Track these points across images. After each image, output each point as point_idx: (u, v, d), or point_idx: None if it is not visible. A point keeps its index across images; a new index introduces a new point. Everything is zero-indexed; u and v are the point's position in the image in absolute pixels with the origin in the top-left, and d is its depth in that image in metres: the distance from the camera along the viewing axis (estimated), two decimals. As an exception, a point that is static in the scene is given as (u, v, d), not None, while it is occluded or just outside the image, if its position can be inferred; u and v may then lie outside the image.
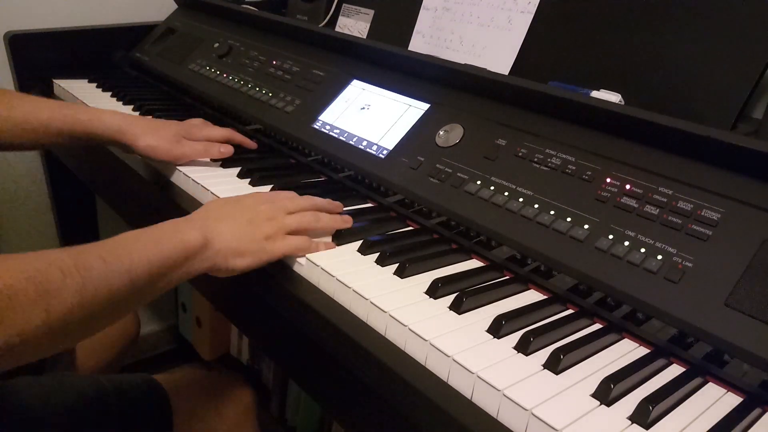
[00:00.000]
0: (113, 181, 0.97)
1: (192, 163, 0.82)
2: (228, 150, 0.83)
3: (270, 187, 0.77)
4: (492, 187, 0.66)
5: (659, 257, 0.54)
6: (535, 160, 0.66)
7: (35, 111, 0.79)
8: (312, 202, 0.67)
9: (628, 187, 0.59)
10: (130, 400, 0.73)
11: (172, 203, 0.77)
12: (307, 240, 0.63)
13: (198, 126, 0.86)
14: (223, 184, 0.77)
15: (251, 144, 0.90)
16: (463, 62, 0.81)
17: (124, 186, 0.93)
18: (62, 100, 1.01)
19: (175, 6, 1.34)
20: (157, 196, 0.82)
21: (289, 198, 0.66)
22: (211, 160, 0.83)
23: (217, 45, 1.13)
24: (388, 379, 0.49)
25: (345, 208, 0.73)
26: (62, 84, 1.17)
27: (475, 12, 0.90)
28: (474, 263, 0.65)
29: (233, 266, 0.59)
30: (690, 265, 0.53)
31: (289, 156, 0.91)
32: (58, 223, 1.38)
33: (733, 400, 0.49)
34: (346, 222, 0.67)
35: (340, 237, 0.66)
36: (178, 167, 0.81)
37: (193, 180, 0.78)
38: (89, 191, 1.37)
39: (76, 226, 1.39)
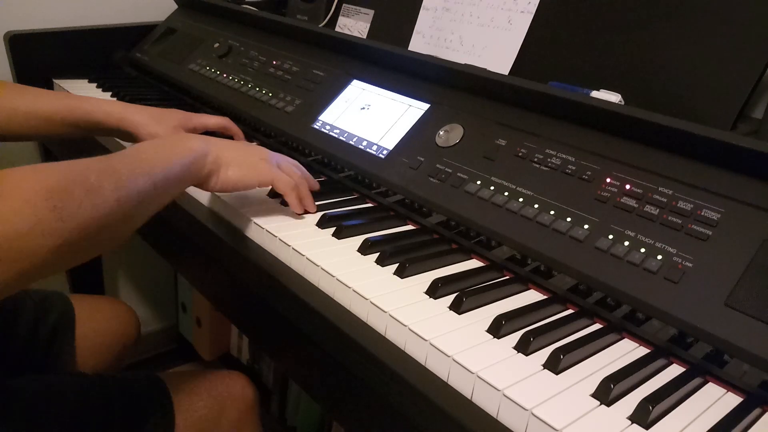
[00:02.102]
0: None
1: None
2: None
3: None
4: (492, 187, 0.66)
5: (659, 257, 0.54)
6: (535, 160, 0.66)
7: (39, 102, 0.80)
8: (301, 170, 0.73)
9: (628, 187, 0.59)
10: (133, 397, 0.73)
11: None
12: (291, 182, 0.69)
13: (195, 115, 0.89)
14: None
15: (241, 136, 0.92)
16: (463, 62, 0.81)
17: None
18: (65, 91, 1.02)
19: (175, 6, 1.34)
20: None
21: (283, 156, 0.73)
22: None
23: (217, 45, 1.13)
24: (388, 378, 0.49)
25: (346, 208, 0.73)
26: (62, 84, 1.17)
27: (475, 12, 0.90)
28: (474, 263, 0.65)
29: (226, 176, 0.65)
30: (690, 265, 0.53)
31: (289, 156, 0.91)
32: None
33: (733, 400, 0.49)
34: (313, 206, 0.72)
35: (340, 232, 0.66)
36: None
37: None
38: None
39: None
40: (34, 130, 0.81)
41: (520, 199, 0.64)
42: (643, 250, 0.55)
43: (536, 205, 0.62)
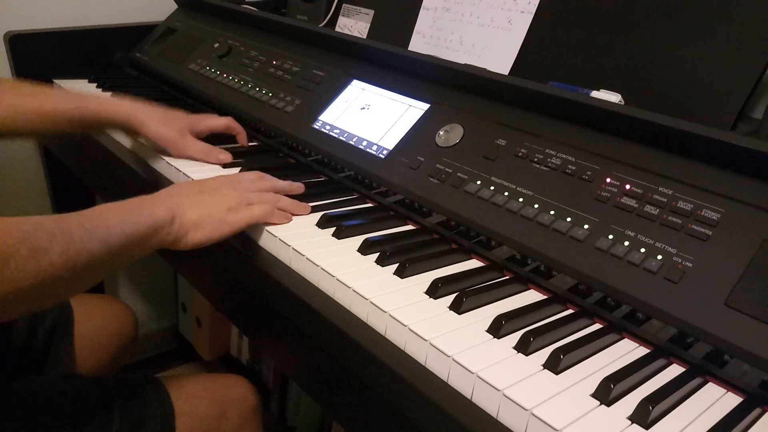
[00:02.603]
0: (110, 180, 0.97)
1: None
2: (227, 157, 0.85)
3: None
4: (492, 187, 0.66)
5: (659, 257, 0.54)
6: (535, 160, 0.66)
7: (47, 101, 0.81)
8: (273, 184, 0.72)
9: (628, 187, 0.59)
10: (132, 400, 0.73)
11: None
12: (269, 207, 0.67)
13: (199, 117, 0.90)
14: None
15: (244, 138, 0.93)
16: (463, 62, 0.81)
17: (119, 185, 0.93)
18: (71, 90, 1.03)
19: (175, 6, 1.34)
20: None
21: (251, 180, 0.70)
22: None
23: (217, 45, 1.13)
24: (388, 378, 0.49)
25: (346, 208, 0.73)
26: (62, 84, 1.17)
27: (475, 12, 0.90)
28: (474, 263, 0.65)
29: (193, 239, 0.63)
30: (690, 265, 0.53)
31: (288, 156, 0.91)
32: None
33: (733, 400, 0.49)
34: (305, 208, 0.71)
35: (340, 232, 0.66)
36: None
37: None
38: (89, 191, 1.37)
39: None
40: (40, 129, 0.82)
41: (520, 199, 0.64)
42: (643, 250, 0.55)
43: (536, 205, 0.62)
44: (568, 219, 0.60)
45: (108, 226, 0.54)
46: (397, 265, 0.60)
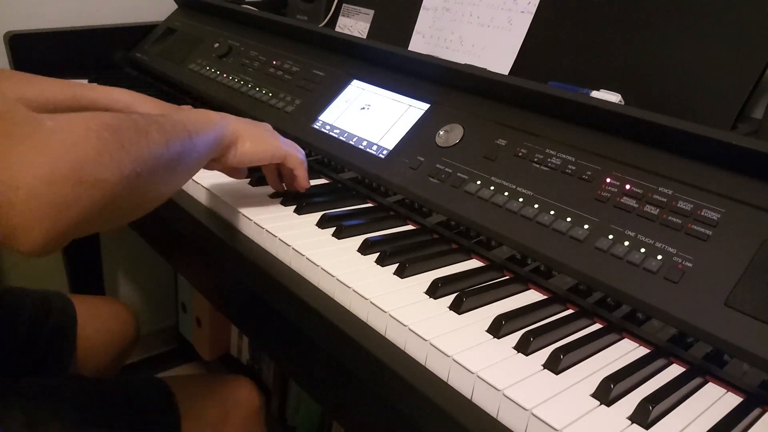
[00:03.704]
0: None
1: None
2: None
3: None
4: (492, 187, 0.66)
5: (659, 257, 0.54)
6: (535, 160, 0.66)
7: (47, 91, 0.80)
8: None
9: (628, 187, 0.59)
10: (136, 401, 0.73)
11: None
12: (301, 160, 0.71)
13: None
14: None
15: None
16: (463, 62, 0.81)
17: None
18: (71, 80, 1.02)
19: (175, 6, 1.34)
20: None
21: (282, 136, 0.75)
22: None
23: (217, 45, 1.13)
24: (388, 378, 0.49)
25: (345, 208, 0.73)
26: (62, 84, 1.17)
27: (475, 12, 0.90)
28: (474, 263, 0.65)
29: (243, 149, 0.66)
30: (690, 265, 0.53)
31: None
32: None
33: (733, 400, 0.49)
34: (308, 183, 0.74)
35: (340, 232, 0.66)
36: None
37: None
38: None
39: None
40: None
41: (520, 199, 0.64)
42: (643, 250, 0.55)
43: (536, 205, 0.62)
44: (568, 219, 0.60)
45: (185, 123, 0.56)
46: (397, 265, 0.60)
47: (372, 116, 0.82)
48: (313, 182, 0.82)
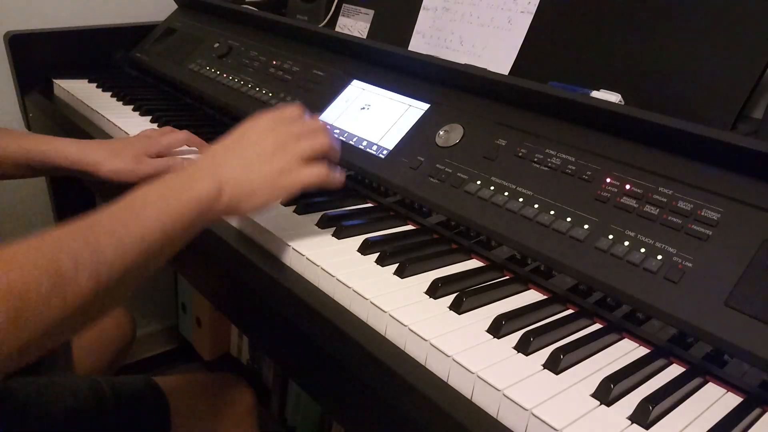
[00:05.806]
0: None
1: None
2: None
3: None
4: (492, 187, 0.66)
5: (659, 257, 0.54)
6: (535, 160, 0.66)
7: (5, 146, 0.77)
8: (320, 123, 0.63)
9: (628, 187, 0.59)
10: (127, 401, 0.73)
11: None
12: (325, 168, 0.59)
13: (155, 138, 0.83)
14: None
15: (205, 147, 0.88)
16: (463, 62, 0.81)
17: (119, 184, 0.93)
18: (26, 131, 1.00)
19: (175, 6, 1.34)
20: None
21: (294, 119, 0.61)
22: None
23: (217, 45, 1.13)
24: (388, 378, 0.49)
25: (345, 208, 0.73)
26: (62, 84, 1.17)
27: (475, 12, 0.90)
28: (474, 263, 0.65)
29: (246, 208, 0.57)
30: (690, 265, 0.53)
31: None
32: (56, 216, 1.38)
33: (733, 400, 0.49)
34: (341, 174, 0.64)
35: (340, 232, 0.66)
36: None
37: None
38: (89, 191, 1.37)
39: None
40: (7, 174, 0.79)
41: (520, 199, 0.64)
42: (643, 250, 0.55)
43: (536, 205, 0.62)
44: (568, 219, 0.60)
45: (143, 222, 0.46)
46: (397, 265, 0.60)
47: (372, 116, 0.82)
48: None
